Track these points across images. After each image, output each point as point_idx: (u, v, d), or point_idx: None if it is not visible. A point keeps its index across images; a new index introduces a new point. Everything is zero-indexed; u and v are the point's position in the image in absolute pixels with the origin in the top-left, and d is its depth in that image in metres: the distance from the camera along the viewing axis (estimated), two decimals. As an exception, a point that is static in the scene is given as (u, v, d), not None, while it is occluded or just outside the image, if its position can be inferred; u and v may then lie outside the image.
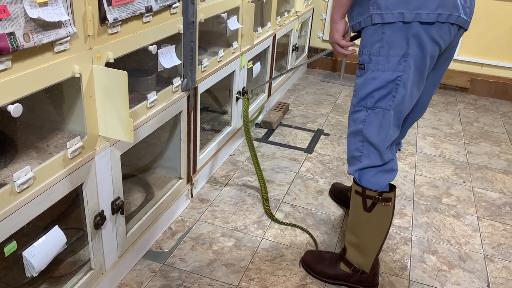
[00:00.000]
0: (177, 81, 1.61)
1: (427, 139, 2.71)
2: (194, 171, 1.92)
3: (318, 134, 2.65)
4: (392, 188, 1.41)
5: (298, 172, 2.22)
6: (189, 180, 1.88)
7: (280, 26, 2.78)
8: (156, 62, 1.48)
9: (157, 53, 1.43)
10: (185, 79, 1.65)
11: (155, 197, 1.73)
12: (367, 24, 1.28)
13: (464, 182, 2.26)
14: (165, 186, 1.79)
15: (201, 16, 1.68)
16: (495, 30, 3.31)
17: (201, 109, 1.87)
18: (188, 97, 1.70)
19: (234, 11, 2.02)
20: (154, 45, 1.40)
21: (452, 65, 3.49)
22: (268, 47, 2.63)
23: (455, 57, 3.46)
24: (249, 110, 2.06)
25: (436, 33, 1.23)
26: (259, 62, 2.51)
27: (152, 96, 1.46)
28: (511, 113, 3.21)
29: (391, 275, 1.62)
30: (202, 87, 1.82)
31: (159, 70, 1.49)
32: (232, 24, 1.98)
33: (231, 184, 2.08)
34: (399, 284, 1.57)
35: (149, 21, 1.35)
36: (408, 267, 1.66)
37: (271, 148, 2.44)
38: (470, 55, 3.43)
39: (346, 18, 1.39)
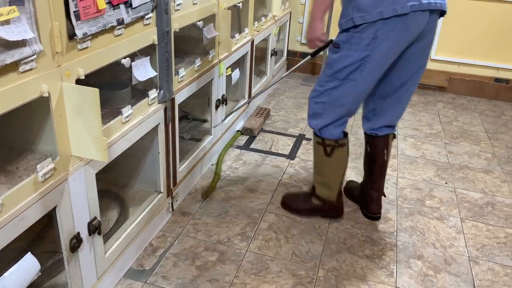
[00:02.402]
0: (153, 93, 1.56)
1: (408, 140, 2.71)
2: (175, 184, 1.87)
3: (299, 139, 2.63)
4: (345, 135, 1.76)
5: (281, 180, 2.19)
6: (170, 193, 1.83)
7: (258, 31, 2.75)
8: (131, 75, 1.43)
9: (130, 66, 1.38)
10: (162, 91, 1.61)
11: (134, 213, 1.68)
12: (349, 25, 1.52)
13: (446, 183, 2.27)
14: (145, 201, 1.74)
15: (176, 25, 1.64)
16: (471, 29, 3.35)
17: (180, 117, 1.84)
18: (165, 109, 1.65)
19: (210, 19, 1.98)
20: (127, 58, 1.35)
21: (430, 65, 3.52)
22: (247, 53, 2.59)
23: (432, 56, 3.48)
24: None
25: (410, 21, 1.47)
26: (238, 69, 2.48)
27: (127, 110, 1.41)
28: (489, 111, 3.25)
29: (378, 282, 1.60)
30: (179, 98, 1.78)
31: (133, 83, 1.44)
32: (209, 32, 1.94)
33: (213, 195, 2.03)
34: (386, 292, 1.56)
35: (121, 34, 1.31)
36: (395, 273, 1.65)
37: (253, 155, 2.41)
38: (447, 54, 3.46)
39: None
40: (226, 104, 2.33)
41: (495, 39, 3.33)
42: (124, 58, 1.34)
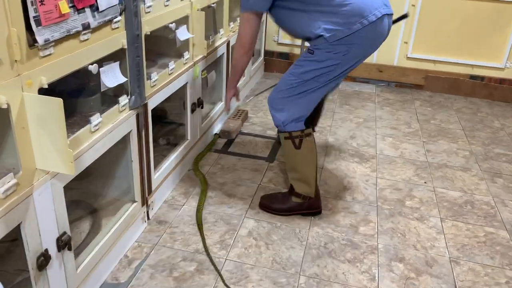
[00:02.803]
0: (124, 100, 1.50)
1: (386, 140, 2.71)
2: (150, 192, 1.81)
3: (278, 141, 2.59)
4: (307, 126, 1.83)
5: (260, 184, 2.15)
6: (145, 202, 1.77)
7: (234, 32, 2.70)
8: (99, 81, 1.37)
9: (98, 72, 1.32)
10: (133, 97, 1.55)
11: (108, 224, 1.61)
12: (321, 43, 1.67)
13: (425, 182, 2.26)
14: (119, 211, 1.67)
15: (146, 28, 1.57)
16: (445, 27, 3.37)
17: (155, 122, 1.79)
18: (138, 116, 1.59)
19: (183, 21, 1.93)
20: (94, 64, 1.29)
21: (406, 63, 3.53)
22: (223, 54, 2.54)
23: (408, 55, 3.49)
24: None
25: (378, 25, 1.67)
26: (214, 71, 2.42)
27: (96, 118, 1.35)
28: (465, 109, 3.28)
29: (360, 287, 1.57)
30: (152, 103, 1.72)
31: (102, 90, 1.38)
32: (182, 34, 1.88)
33: (191, 201, 1.98)
34: (369, 297, 1.54)
35: (87, 39, 1.24)
36: (377, 277, 1.62)
37: (231, 159, 2.36)
38: (423, 52, 3.48)
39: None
40: (202, 108, 2.27)
41: (470, 36, 3.36)
42: (92, 64, 1.28)
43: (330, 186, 2.18)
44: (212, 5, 2.25)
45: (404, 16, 2.10)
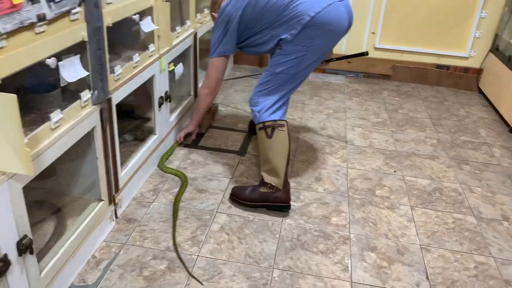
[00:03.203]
0: (86, 95, 1.44)
1: (356, 130, 2.72)
2: (117, 189, 1.75)
3: (249, 134, 2.56)
4: (284, 119, 1.93)
5: (232, 178, 2.12)
6: (112, 200, 1.72)
7: (201, 23, 2.65)
8: (59, 76, 1.30)
9: (57, 66, 1.25)
10: (96, 91, 1.48)
11: (73, 224, 1.55)
12: (285, 41, 1.84)
13: (395, 171, 2.29)
14: (85, 210, 1.61)
15: (108, 20, 1.51)
16: (412, 17, 3.41)
17: (121, 117, 1.73)
18: (101, 111, 1.53)
19: (147, 12, 1.86)
20: (53, 58, 1.22)
21: (374, 54, 3.56)
22: (190, 46, 2.49)
23: (376, 45, 3.52)
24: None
25: (330, 13, 1.78)
26: (181, 63, 2.37)
27: (56, 115, 1.28)
28: (432, 98, 3.33)
29: (334, 279, 1.57)
30: (117, 98, 1.65)
31: (62, 85, 1.31)
32: (146, 26, 1.82)
33: (160, 198, 1.93)
34: (342, 288, 1.54)
35: (43, 31, 1.17)
36: (349, 268, 1.63)
37: (202, 153, 2.32)
38: (390, 42, 3.51)
39: None
40: (170, 102, 2.22)
41: (435, 26, 3.41)
42: (49, 58, 1.21)
43: (302, 177, 2.17)
44: (178, -5, 2.19)
45: (362, 54, 2.39)
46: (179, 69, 2.34)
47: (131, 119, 2.32)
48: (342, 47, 3.54)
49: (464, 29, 3.39)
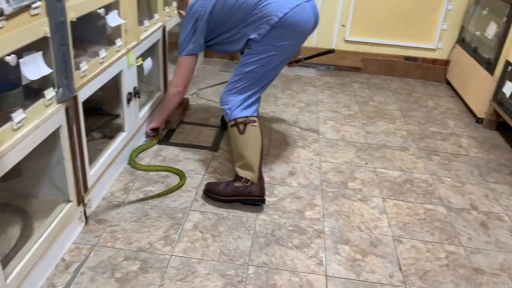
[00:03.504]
0: (50, 93, 1.38)
1: (328, 123, 2.73)
2: (86, 190, 1.70)
3: (222, 129, 2.53)
4: (256, 116, 1.93)
5: (205, 174, 2.09)
6: (81, 201, 1.66)
7: (170, 16, 2.59)
8: (20, 74, 1.24)
9: (18, 63, 1.20)
10: (60, 89, 1.43)
11: (41, 227, 1.50)
12: (254, 41, 1.87)
13: (366, 163, 2.31)
14: (52, 212, 1.56)
15: (72, 14, 1.45)
16: (381, 10, 3.44)
17: (88, 114, 1.68)
18: (67, 109, 1.47)
19: (113, 6, 1.80)
20: (12, 55, 1.16)
21: (344, 46, 3.58)
22: (158, 40, 2.43)
23: (346, 38, 3.54)
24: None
25: (297, 14, 1.81)
26: (150, 58, 2.31)
27: (18, 114, 1.23)
28: (401, 89, 3.38)
29: (308, 273, 1.57)
30: (83, 95, 1.60)
31: (24, 83, 1.25)
32: (113, 20, 1.77)
33: (131, 197, 1.89)
34: (317, 282, 1.54)
35: (1, 27, 1.11)
36: (324, 261, 1.63)
37: (174, 150, 2.28)
38: (360, 35, 3.54)
39: None
40: (139, 97, 2.16)
41: (404, 19, 3.45)
42: (8, 55, 1.15)
43: (275, 172, 2.16)
44: (145, -12, 2.13)
45: (329, 52, 2.46)
46: (148, 63, 2.28)
47: (99, 116, 2.25)
48: (312, 41, 3.55)
49: (431, 21, 3.44)
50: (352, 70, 3.66)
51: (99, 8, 1.66)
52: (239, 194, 1.85)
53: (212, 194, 1.88)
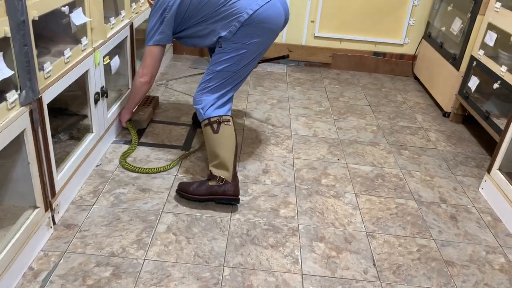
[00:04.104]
0: (12, 95, 1.32)
1: (299, 119, 2.74)
2: (53, 194, 1.64)
3: (193, 127, 2.50)
4: (229, 115, 1.92)
5: (177, 175, 2.06)
6: (48, 206, 1.60)
7: (137, 13, 2.53)
8: (-21, 76, 1.18)
9: (-24, 66, 1.13)
10: (23, 91, 1.36)
11: (6, 235, 1.43)
12: (224, 40, 1.86)
13: (338, 159, 2.33)
14: (18, 219, 1.49)
15: (34, 13, 1.39)
16: (349, 5, 3.47)
17: (54, 115, 1.62)
18: (31, 112, 1.41)
19: (78, 3, 1.74)
20: (-30, 57, 1.10)
21: (314, 42, 3.59)
22: (126, 37, 2.37)
23: (315, 34, 3.55)
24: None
25: (267, 11, 1.81)
26: (117, 56, 2.25)
27: (-22, 120, 1.16)
28: (370, 85, 3.42)
29: (284, 272, 1.57)
30: (48, 97, 1.54)
31: (-17, 87, 1.19)
32: (77, 18, 1.70)
33: (101, 200, 1.84)
34: (293, 281, 1.54)
35: (-43, 28, 1.05)
36: (299, 259, 1.63)
37: (144, 150, 2.23)
38: (329, 31, 3.55)
39: None
40: (107, 97, 2.10)
41: (372, 14, 3.49)
42: (-34, 57, 1.09)
43: (249, 170, 2.15)
44: (110, -16, 2.07)
45: (283, 57, 2.49)
46: (116, 62, 2.22)
47: (65, 116, 2.18)
48: (282, 37, 3.54)
49: (398, 17, 3.50)
50: (322, 66, 3.68)
51: (63, 6, 1.60)
52: (213, 193, 1.82)
53: (185, 193, 1.85)
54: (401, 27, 3.53)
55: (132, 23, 2.43)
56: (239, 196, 1.85)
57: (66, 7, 1.60)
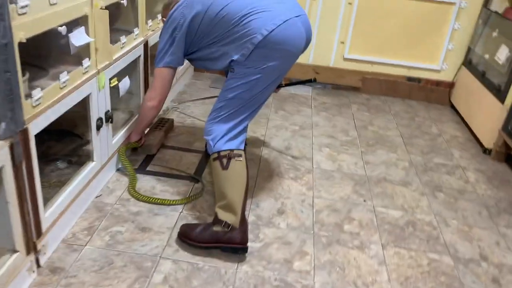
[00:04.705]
0: (-11, 129, 1.15)
1: (323, 150, 2.51)
2: (39, 235, 1.46)
3: (206, 154, 2.31)
4: (243, 149, 1.72)
5: (182, 211, 1.86)
6: (32, 248, 1.43)
7: (153, 30, 2.36)
8: None
9: None
10: (3, 123, 1.20)
11: (-22, 283, 1.26)
12: (237, 63, 1.67)
13: (364, 200, 2.08)
14: (-5, 265, 1.32)
15: (21, 35, 1.22)
16: (383, 27, 3.23)
17: (57, 136, 1.49)
18: (11, 146, 1.24)
19: (82, 21, 1.58)
20: None
21: (343, 64, 3.36)
22: (139, 57, 2.20)
23: (345, 55, 3.32)
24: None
25: (285, 31, 1.61)
26: (127, 77, 2.08)
27: None
28: (403, 112, 3.16)
29: None
30: (36, 127, 1.37)
31: None
32: (78, 38, 1.54)
33: (95, 239, 1.65)
34: None
35: None
36: (313, 327, 1.40)
37: (150, 180, 2.05)
38: (360, 53, 3.32)
39: None
40: (111, 122, 1.93)
41: (407, 37, 3.24)
42: None
43: (262, 209, 1.93)
44: (122, 1, 1.90)
45: (310, 80, 2.28)
46: (125, 83, 2.05)
47: (68, 139, 2.02)
48: (309, 58, 3.33)
49: (436, 40, 3.23)
50: (351, 90, 3.44)
51: (60, 26, 1.43)
52: (217, 240, 1.61)
53: (187, 239, 1.64)
54: (439, 52, 3.26)
55: (147, 41, 2.27)
56: (247, 245, 1.63)
57: (63, 27, 1.44)
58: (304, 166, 2.32)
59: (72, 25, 1.52)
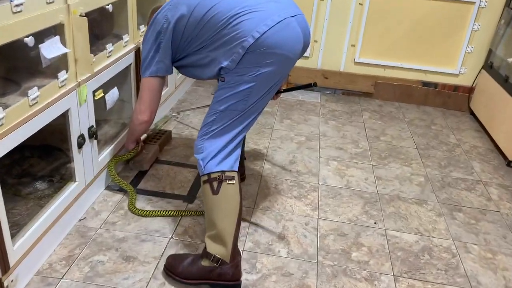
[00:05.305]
0: None
1: (330, 164, 2.31)
2: (6, 270, 1.31)
3: (203, 170, 2.13)
4: (236, 170, 1.51)
5: (172, 237, 1.69)
6: (-4, 287, 1.27)
7: (147, 36, 2.19)
8: None
9: None
10: (-48, 152, 1.04)
11: None
12: (227, 71, 1.48)
13: (375, 223, 1.89)
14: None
15: (-27, 48, 1.06)
16: (396, 29, 3.02)
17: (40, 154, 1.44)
18: (-36, 177, 1.09)
19: (58, 30, 1.42)
20: None
21: (354, 68, 3.16)
22: (130, 65, 2.04)
23: (356, 59, 3.12)
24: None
25: (280, 32, 1.42)
26: (115, 87, 1.92)
27: None
28: (418, 120, 2.95)
29: None
30: (1, 149, 1.21)
31: None
32: (50, 49, 1.38)
33: (74, 271, 1.49)
34: None
35: None
36: None
37: (140, 200, 1.88)
38: (372, 56, 3.12)
39: None
40: (96, 138, 1.77)
41: (422, 39, 3.03)
42: None
43: (261, 234, 1.75)
44: (107, 6, 1.74)
45: (310, 85, 1.91)
46: (113, 95, 1.89)
47: (53, 157, 1.87)
48: (318, 62, 3.14)
49: (454, 42, 3.01)
50: (363, 96, 3.24)
51: (26, 37, 1.27)
52: (206, 277, 1.44)
53: (173, 275, 1.47)
54: (457, 55, 3.04)
55: (139, 48, 2.10)
56: (241, 279, 1.45)
57: (30, 38, 1.27)
58: (309, 183, 2.13)
59: (44, 35, 1.37)
